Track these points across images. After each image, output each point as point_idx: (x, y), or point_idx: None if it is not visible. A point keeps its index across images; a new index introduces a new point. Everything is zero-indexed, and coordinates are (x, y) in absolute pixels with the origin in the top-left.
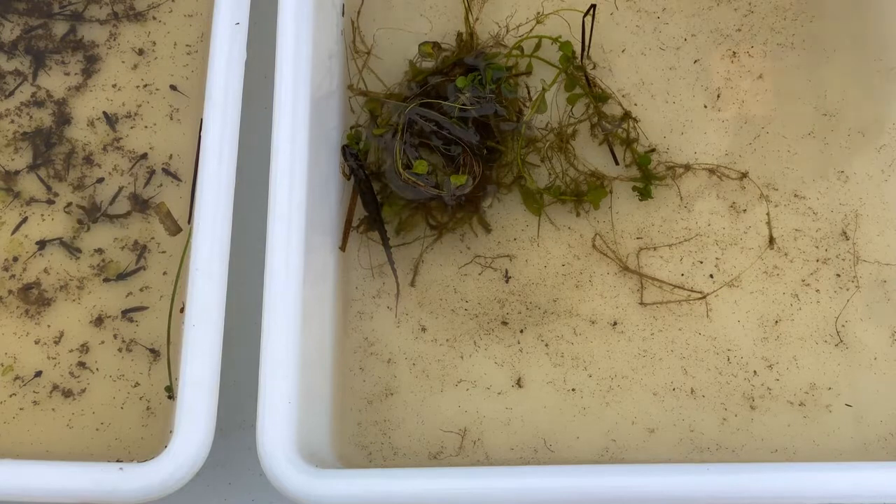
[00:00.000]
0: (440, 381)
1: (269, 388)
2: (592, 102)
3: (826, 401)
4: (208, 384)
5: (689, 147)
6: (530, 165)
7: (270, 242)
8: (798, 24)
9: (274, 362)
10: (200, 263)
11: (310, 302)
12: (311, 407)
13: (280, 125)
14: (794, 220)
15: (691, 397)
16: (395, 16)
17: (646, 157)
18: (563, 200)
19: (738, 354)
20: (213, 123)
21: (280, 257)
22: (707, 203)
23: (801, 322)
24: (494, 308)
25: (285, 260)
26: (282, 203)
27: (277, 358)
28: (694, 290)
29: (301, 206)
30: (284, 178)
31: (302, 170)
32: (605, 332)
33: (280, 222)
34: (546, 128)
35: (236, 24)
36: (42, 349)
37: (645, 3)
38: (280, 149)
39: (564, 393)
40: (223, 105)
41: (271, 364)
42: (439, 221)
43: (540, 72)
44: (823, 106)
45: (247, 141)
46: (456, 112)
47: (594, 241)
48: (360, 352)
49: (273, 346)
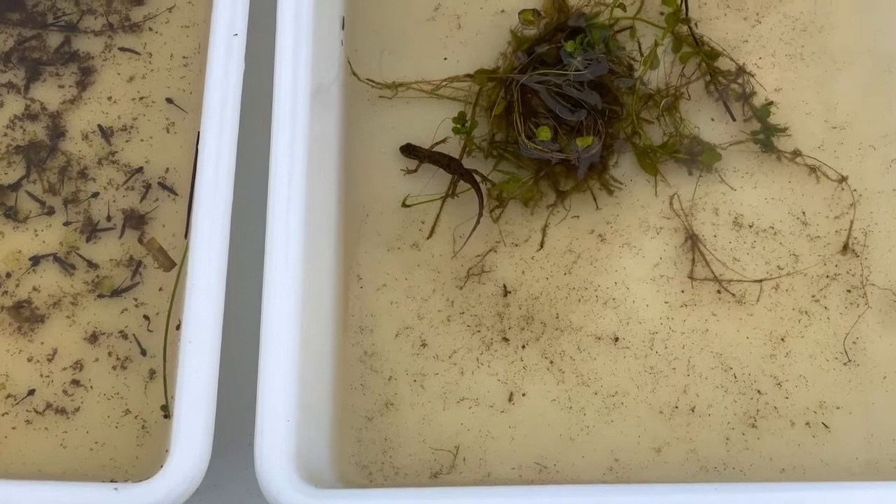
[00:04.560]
0: (442, 398)
1: (267, 406)
2: (704, 59)
3: (835, 420)
4: (205, 402)
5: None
6: (645, 122)
7: (268, 257)
8: (808, 36)
9: (272, 379)
10: (197, 279)
11: (309, 317)
12: (310, 425)
13: (279, 139)
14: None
15: (697, 415)
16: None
17: (766, 109)
18: (677, 158)
19: (745, 372)
20: (210, 136)
21: (278, 272)
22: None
23: (811, 339)
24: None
25: (284, 274)
26: (280, 217)
27: (276, 374)
28: (747, 277)
29: (300, 220)
30: (283, 192)
31: (300, 184)
32: (608, 348)
33: (278, 237)
34: (656, 85)
35: (234, 35)
36: (35, 367)
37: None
38: (279, 163)
39: (568, 411)
40: (220, 117)
41: (269, 381)
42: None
43: (641, 28)
44: (833, 119)
45: (245, 154)
46: (571, 76)
47: (671, 201)
48: (361, 367)
49: (271, 363)
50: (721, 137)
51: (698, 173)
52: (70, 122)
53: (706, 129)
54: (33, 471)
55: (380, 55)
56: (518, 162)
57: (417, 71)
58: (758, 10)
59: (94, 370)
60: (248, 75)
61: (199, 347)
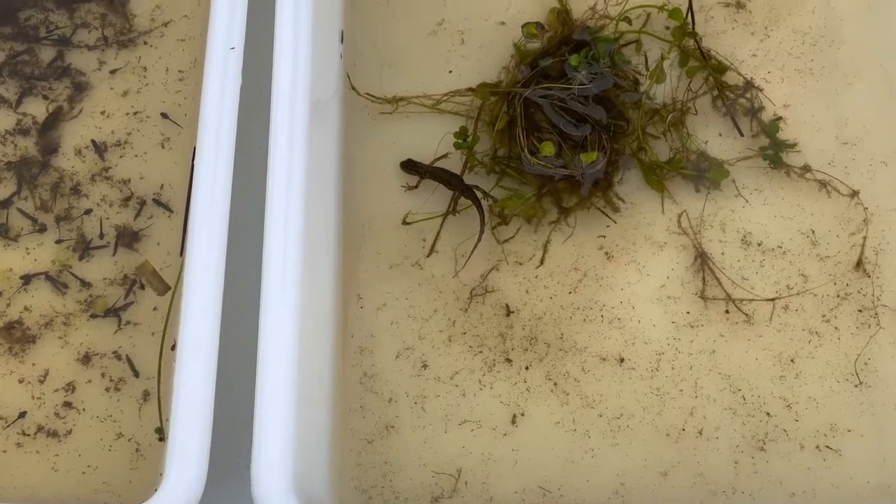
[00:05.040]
0: (443, 421)
1: (264, 429)
2: (711, 74)
3: (846, 443)
4: (200, 425)
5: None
6: (651, 137)
7: (266, 276)
8: (817, 50)
9: (269, 401)
10: (192, 299)
11: (307, 337)
12: (309, 447)
13: (276, 155)
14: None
15: (705, 438)
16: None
17: (774, 124)
18: (683, 175)
19: (753, 393)
20: (206, 152)
21: (276, 291)
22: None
23: (821, 360)
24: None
25: (281, 294)
26: (278, 235)
27: (273, 396)
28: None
29: (298, 238)
30: (281, 209)
31: (299, 201)
32: (613, 369)
33: (276, 255)
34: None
35: (231, 48)
36: (26, 388)
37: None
38: (276, 179)
39: (572, 433)
40: (217, 133)
41: (267, 403)
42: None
43: (646, 42)
44: (844, 135)
45: (241, 170)
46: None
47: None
48: (360, 389)
49: (269, 384)
50: (729, 153)
51: (706, 190)
52: (62, 138)
53: (713, 145)
54: (25, 495)
55: (380, 69)
56: (521, 178)
57: (418, 85)
58: (766, 24)
59: (87, 392)
60: (245, 90)
61: (195, 369)
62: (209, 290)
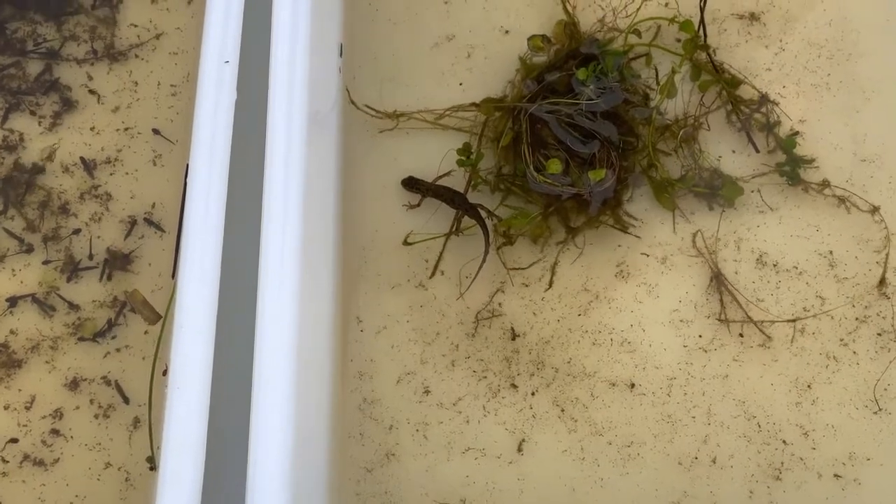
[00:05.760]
0: (446, 449)
1: (259, 457)
2: (725, 88)
3: (866, 472)
4: (193, 453)
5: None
6: (662, 154)
7: (261, 298)
8: (834, 64)
9: (265, 428)
10: (185, 322)
11: (304, 361)
12: (306, 477)
13: (273, 172)
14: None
15: (718, 467)
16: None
17: (791, 139)
18: (696, 192)
19: (769, 420)
20: (199, 169)
21: (272, 314)
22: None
23: (839, 386)
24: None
25: (278, 316)
26: (274, 256)
27: (268, 424)
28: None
29: (295, 258)
30: (277, 228)
31: (296, 220)
32: (623, 395)
33: (272, 276)
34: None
35: (225, 62)
36: (12, 415)
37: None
38: (273, 198)
39: (580, 462)
40: (211, 149)
41: (262, 430)
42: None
43: (657, 55)
44: (862, 151)
45: (236, 189)
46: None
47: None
48: (360, 416)
49: (264, 411)
50: (743, 170)
51: (719, 208)
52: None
53: (727, 162)
54: None
55: (380, 83)
56: (527, 196)
57: (420, 100)
58: (781, 36)
59: (75, 419)
60: (241, 105)
61: (188, 395)
62: (202, 312)
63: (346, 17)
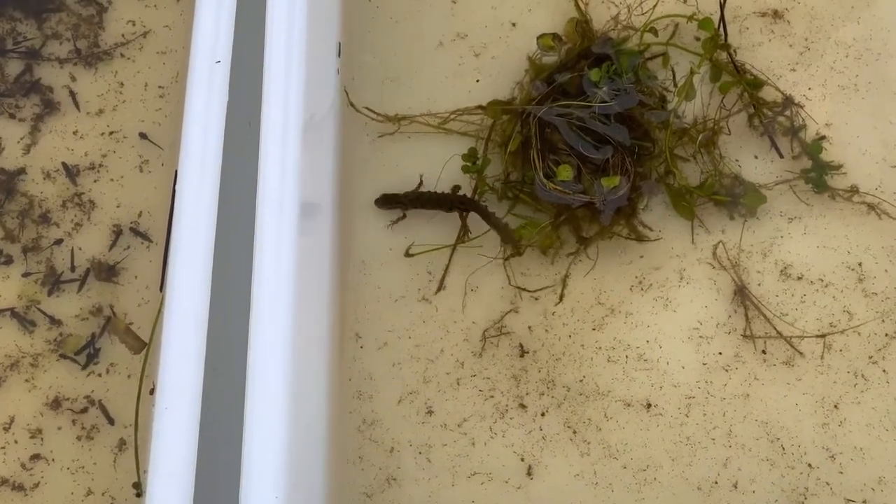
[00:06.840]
0: (450, 473)
1: (252, 482)
2: (746, 90)
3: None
4: (182, 479)
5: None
6: (680, 160)
7: (254, 313)
8: (862, 64)
9: (258, 451)
10: (174, 338)
11: (299, 381)
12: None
13: (267, 179)
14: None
15: (740, 492)
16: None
17: (817, 144)
18: (716, 201)
19: (793, 443)
20: (189, 176)
21: (265, 330)
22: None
23: (867, 406)
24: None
25: (271, 332)
26: (268, 268)
27: (262, 446)
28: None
29: (290, 270)
30: (271, 238)
31: (291, 230)
32: (639, 416)
33: (265, 290)
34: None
35: (217, 62)
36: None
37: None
38: (266, 206)
39: (593, 487)
40: (201, 154)
41: (255, 453)
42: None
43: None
44: (892, 157)
45: (228, 196)
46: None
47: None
48: (359, 438)
49: (257, 433)
50: (766, 177)
51: (741, 217)
52: (31, 160)
53: (749, 168)
54: None
55: (381, 84)
56: (536, 205)
57: (423, 102)
58: (806, 35)
59: (57, 440)
60: (233, 107)
61: (176, 415)
62: (192, 328)
63: (345, 15)
